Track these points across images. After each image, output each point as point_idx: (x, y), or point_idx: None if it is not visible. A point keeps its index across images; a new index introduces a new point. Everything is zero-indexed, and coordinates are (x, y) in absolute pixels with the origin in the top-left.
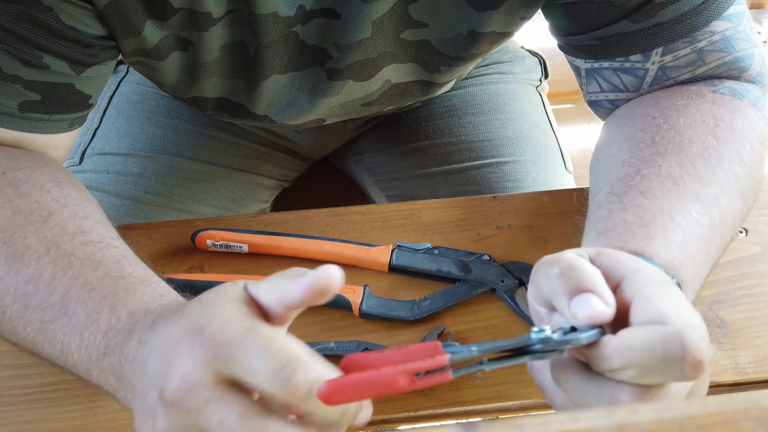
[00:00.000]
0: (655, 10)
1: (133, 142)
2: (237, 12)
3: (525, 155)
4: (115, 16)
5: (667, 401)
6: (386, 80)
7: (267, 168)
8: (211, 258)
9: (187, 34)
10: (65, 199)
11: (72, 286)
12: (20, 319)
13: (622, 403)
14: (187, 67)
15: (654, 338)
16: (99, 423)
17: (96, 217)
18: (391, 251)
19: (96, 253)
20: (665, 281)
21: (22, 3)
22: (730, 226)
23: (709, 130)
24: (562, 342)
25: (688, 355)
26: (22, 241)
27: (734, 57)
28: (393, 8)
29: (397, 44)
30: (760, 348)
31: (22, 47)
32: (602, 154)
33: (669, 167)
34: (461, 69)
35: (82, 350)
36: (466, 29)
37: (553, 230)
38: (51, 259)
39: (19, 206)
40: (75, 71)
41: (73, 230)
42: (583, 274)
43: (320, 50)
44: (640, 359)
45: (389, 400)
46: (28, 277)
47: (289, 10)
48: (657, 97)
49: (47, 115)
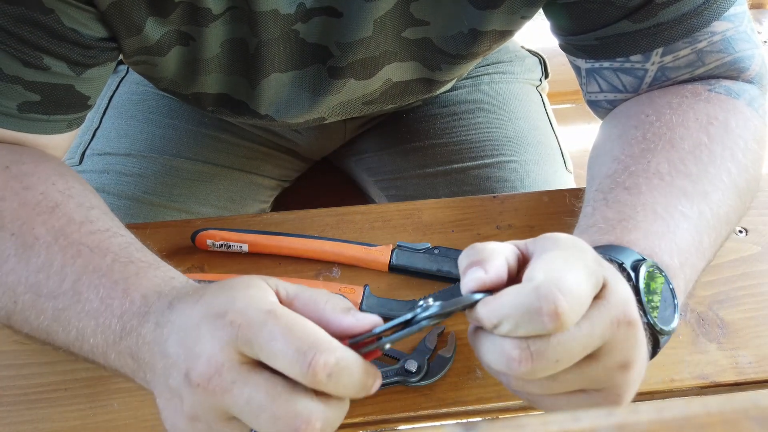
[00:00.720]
0: (656, 10)
1: (133, 143)
2: (237, 9)
3: (525, 155)
4: (117, 16)
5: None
6: (387, 79)
7: (267, 168)
8: (211, 258)
9: (187, 28)
10: (70, 191)
11: (83, 273)
12: (33, 309)
13: (512, 358)
14: (187, 62)
15: (518, 294)
16: (99, 423)
17: (101, 207)
18: (391, 251)
19: (104, 241)
20: (570, 245)
21: (23, 5)
22: (724, 221)
23: (701, 128)
24: (445, 306)
25: (543, 306)
26: (30, 232)
27: (733, 58)
28: (394, 7)
29: (398, 43)
30: (760, 348)
31: (22, 48)
32: (597, 152)
33: (658, 164)
34: (462, 68)
35: (98, 335)
36: (467, 27)
37: (553, 230)
38: (60, 248)
39: (25, 198)
40: (75, 72)
41: (80, 220)
42: (478, 253)
43: (321, 48)
44: (509, 314)
45: (389, 400)
46: (39, 267)
47: (289, 8)
48: (652, 96)
49: (46, 115)
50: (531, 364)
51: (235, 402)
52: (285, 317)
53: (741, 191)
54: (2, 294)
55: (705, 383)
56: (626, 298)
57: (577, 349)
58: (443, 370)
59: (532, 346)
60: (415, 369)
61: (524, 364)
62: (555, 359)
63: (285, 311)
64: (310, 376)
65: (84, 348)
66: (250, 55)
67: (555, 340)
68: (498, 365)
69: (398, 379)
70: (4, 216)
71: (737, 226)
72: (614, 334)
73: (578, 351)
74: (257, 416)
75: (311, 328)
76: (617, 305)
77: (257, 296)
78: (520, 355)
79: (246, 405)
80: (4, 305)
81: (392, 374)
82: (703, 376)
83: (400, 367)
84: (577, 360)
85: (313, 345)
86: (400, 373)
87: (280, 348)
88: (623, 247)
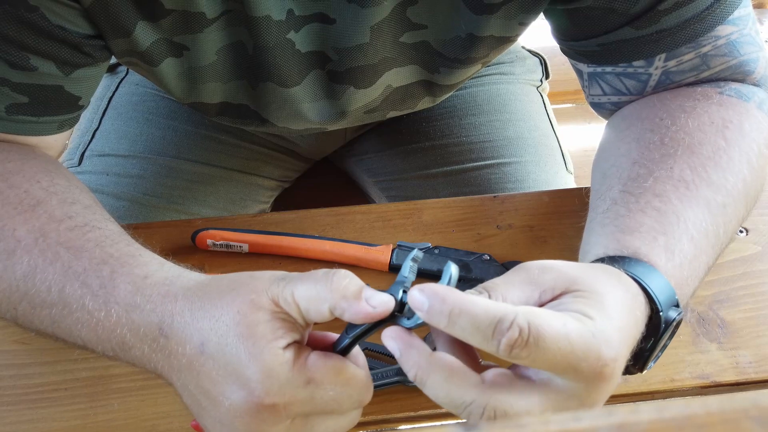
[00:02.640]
0: (658, 16)
1: (132, 144)
2: (233, 13)
3: (526, 156)
4: (102, 15)
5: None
6: (387, 85)
7: (267, 169)
8: (211, 258)
9: (180, 38)
10: (54, 188)
11: (65, 281)
12: (33, 317)
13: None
14: (183, 73)
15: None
16: (99, 423)
17: (84, 202)
18: (391, 251)
19: (80, 238)
20: (626, 315)
21: (7, 2)
22: (729, 236)
23: (717, 132)
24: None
25: (591, 359)
26: (12, 234)
27: (739, 61)
28: (391, 13)
29: (396, 48)
30: (760, 348)
31: (8, 49)
32: (609, 152)
33: (681, 170)
34: (461, 73)
35: (103, 344)
36: (465, 32)
37: (553, 230)
38: (40, 251)
39: (8, 197)
40: (63, 72)
41: (60, 217)
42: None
43: (318, 54)
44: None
45: (389, 400)
46: (24, 274)
47: (280, 14)
48: (663, 98)
49: (35, 117)
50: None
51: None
52: (323, 376)
53: (749, 200)
54: (1, 300)
55: (705, 383)
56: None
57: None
58: None
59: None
60: None
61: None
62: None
63: (316, 369)
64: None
65: (96, 351)
66: (249, 56)
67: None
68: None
69: (398, 379)
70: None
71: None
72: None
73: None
74: None
75: (353, 371)
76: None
77: (281, 364)
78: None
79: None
80: (7, 311)
81: (392, 374)
82: (704, 376)
83: (401, 367)
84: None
85: (364, 389)
86: (401, 373)
87: (336, 402)
88: (664, 278)
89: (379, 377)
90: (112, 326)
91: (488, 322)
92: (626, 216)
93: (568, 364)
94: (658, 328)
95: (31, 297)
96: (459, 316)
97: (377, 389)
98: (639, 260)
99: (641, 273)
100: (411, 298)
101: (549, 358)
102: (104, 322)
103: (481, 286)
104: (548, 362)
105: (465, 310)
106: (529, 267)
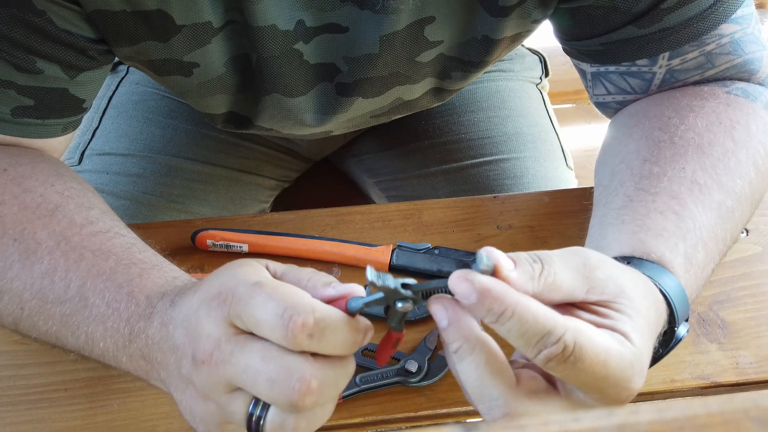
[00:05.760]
0: (661, 15)
1: (132, 143)
2: (236, 23)
3: (525, 152)
4: (102, 24)
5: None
6: (397, 97)
7: (267, 169)
8: (211, 258)
9: (190, 56)
10: (69, 192)
11: (87, 278)
12: (40, 315)
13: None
14: (189, 89)
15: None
16: (99, 423)
17: (101, 207)
18: (391, 251)
19: (105, 243)
20: (653, 319)
21: (14, 6)
22: (734, 240)
23: (726, 133)
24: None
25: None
26: (32, 237)
27: (744, 60)
28: (407, 29)
29: (412, 67)
30: (760, 348)
31: (15, 52)
32: (617, 149)
33: (693, 171)
34: (473, 76)
35: (108, 339)
36: (481, 34)
37: (553, 230)
38: (63, 252)
39: (24, 201)
40: (68, 76)
41: (80, 222)
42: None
43: (327, 66)
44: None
45: (389, 400)
46: (43, 272)
47: (287, 24)
48: (670, 97)
49: (41, 120)
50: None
51: (235, 371)
52: (268, 286)
53: (755, 202)
54: (9, 301)
55: (706, 383)
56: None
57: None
58: (443, 371)
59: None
60: (416, 369)
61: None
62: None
63: (270, 281)
64: (290, 338)
65: (95, 351)
66: (252, 68)
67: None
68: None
69: (398, 380)
70: (5, 221)
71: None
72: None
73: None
74: (255, 382)
75: (290, 293)
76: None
77: (247, 272)
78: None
79: (244, 372)
80: (12, 312)
81: (392, 374)
82: (704, 377)
83: (401, 368)
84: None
85: (290, 308)
86: (401, 374)
87: (263, 315)
88: (685, 293)
89: (379, 377)
90: (128, 316)
91: (537, 331)
92: (646, 216)
93: (596, 386)
94: (668, 342)
95: (44, 294)
96: (510, 319)
97: (377, 389)
98: (665, 269)
99: (669, 287)
100: (462, 282)
101: (581, 378)
102: (122, 313)
103: (535, 254)
104: (579, 381)
105: (518, 314)
106: (588, 257)
